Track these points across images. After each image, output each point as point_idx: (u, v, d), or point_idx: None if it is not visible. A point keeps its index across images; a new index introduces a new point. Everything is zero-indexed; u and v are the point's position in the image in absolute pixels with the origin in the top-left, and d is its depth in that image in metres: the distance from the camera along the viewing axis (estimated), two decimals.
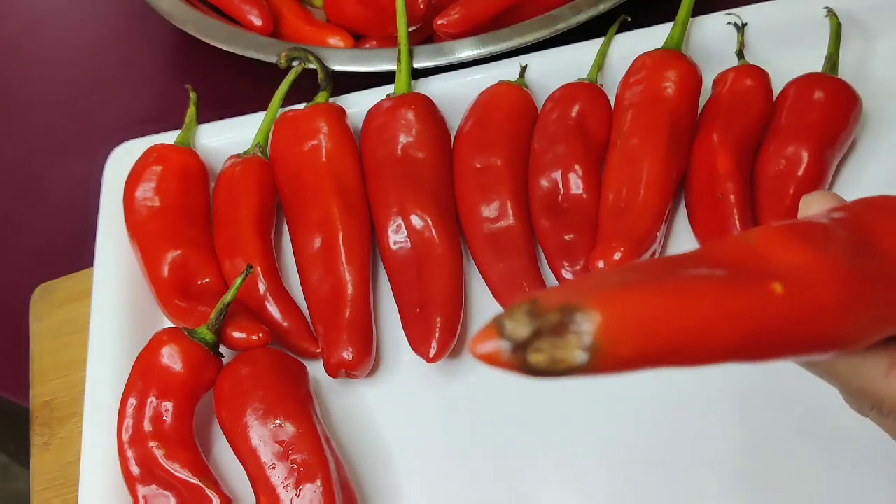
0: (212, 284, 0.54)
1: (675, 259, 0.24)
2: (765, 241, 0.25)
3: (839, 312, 0.24)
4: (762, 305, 0.23)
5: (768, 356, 0.24)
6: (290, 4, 0.72)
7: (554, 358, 0.21)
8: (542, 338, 0.21)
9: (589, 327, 0.21)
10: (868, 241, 0.26)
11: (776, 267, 0.24)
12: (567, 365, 0.21)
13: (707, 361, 0.23)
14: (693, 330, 0.22)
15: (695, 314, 0.22)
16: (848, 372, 0.28)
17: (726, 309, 0.22)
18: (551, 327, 0.21)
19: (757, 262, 0.24)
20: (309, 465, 0.45)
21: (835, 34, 0.59)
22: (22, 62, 0.80)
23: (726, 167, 0.53)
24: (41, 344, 0.58)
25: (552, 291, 0.22)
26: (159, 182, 0.56)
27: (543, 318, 0.21)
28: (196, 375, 0.48)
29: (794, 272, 0.24)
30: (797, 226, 0.26)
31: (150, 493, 0.46)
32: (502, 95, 0.59)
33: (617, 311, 0.21)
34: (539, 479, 0.48)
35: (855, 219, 0.27)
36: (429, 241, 0.53)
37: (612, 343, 0.21)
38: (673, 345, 0.22)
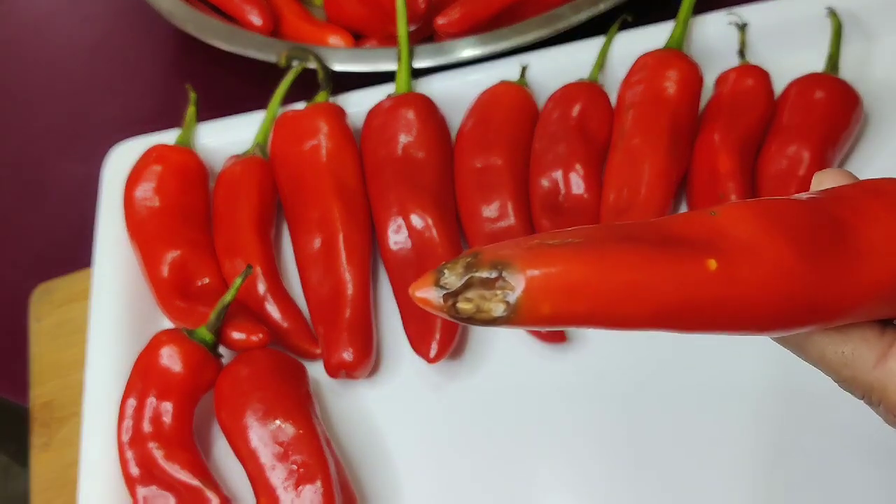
0: (211, 285, 0.54)
1: (627, 226, 0.25)
2: (727, 215, 0.25)
3: (773, 293, 0.25)
4: (689, 280, 0.24)
5: (694, 329, 0.25)
6: (290, 4, 0.72)
7: (479, 308, 0.23)
8: (472, 289, 0.23)
9: (513, 284, 0.23)
10: (844, 223, 0.26)
11: (725, 241, 0.25)
12: (489, 316, 0.23)
13: (628, 327, 0.24)
14: (613, 297, 0.23)
15: (617, 282, 0.23)
16: (837, 360, 0.28)
17: (650, 280, 0.23)
18: (481, 280, 0.23)
19: (708, 235, 0.25)
20: (309, 465, 0.44)
21: (836, 34, 0.58)
22: (22, 62, 0.79)
23: (727, 167, 0.53)
24: (41, 344, 0.58)
25: (495, 247, 0.24)
26: (159, 182, 0.56)
27: (477, 271, 0.23)
28: (196, 376, 0.48)
29: (737, 248, 0.25)
30: (766, 203, 0.26)
31: (150, 493, 0.46)
32: (503, 95, 0.59)
33: (541, 271, 0.23)
34: (539, 480, 0.48)
35: (840, 199, 0.27)
36: (429, 241, 0.53)
37: (532, 301, 0.23)
38: (592, 309, 0.23)
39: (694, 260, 0.24)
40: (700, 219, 0.26)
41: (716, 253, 0.24)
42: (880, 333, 0.27)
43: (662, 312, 0.24)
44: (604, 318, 0.24)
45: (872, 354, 0.27)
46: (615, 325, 0.24)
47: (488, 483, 0.48)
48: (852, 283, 0.26)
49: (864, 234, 0.26)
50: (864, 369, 0.27)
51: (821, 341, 0.28)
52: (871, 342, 0.27)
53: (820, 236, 0.26)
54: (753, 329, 0.25)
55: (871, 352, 0.27)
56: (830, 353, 0.28)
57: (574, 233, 0.24)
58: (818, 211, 0.27)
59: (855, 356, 0.27)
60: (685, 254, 0.24)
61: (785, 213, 0.26)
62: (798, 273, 0.25)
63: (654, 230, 0.25)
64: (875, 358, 0.27)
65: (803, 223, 0.26)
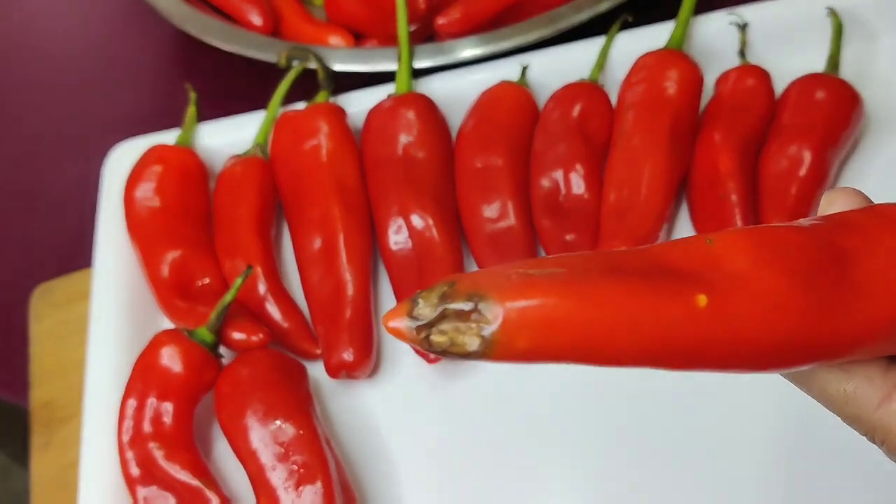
0: (212, 285, 0.54)
1: (616, 255, 0.24)
2: (724, 244, 0.24)
3: (765, 331, 0.23)
4: (677, 317, 0.22)
5: (683, 367, 0.23)
6: (290, 3, 0.72)
7: (453, 341, 0.22)
8: (446, 320, 0.22)
9: (489, 317, 0.22)
10: (848, 253, 0.25)
11: (719, 274, 0.24)
12: (464, 350, 0.22)
13: (611, 365, 0.23)
14: (595, 333, 0.22)
15: (599, 318, 0.22)
16: (840, 398, 0.27)
17: (634, 317, 0.22)
18: (456, 312, 0.22)
19: (702, 265, 0.24)
20: (309, 466, 0.44)
21: (836, 34, 0.58)
22: (21, 62, 0.79)
23: (728, 167, 0.53)
24: (41, 344, 0.58)
25: (473, 276, 0.22)
26: (159, 182, 0.56)
27: (452, 302, 0.22)
28: (196, 376, 0.48)
29: (731, 281, 0.23)
30: (765, 232, 0.25)
31: (150, 494, 0.46)
32: (503, 95, 0.59)
33: (519, 304, 0.22)
34: (540, 480, 0.48)
35: (845, 226, 0.26)
36: (430, 241, 0.53)
37: (509, 336, 0.22)
38: (572, 345, 0.22)
39: (683, 295, 0.23)
40: (695, 247, 0.24)
41: (708, 287, 0.23)
42: (885, 371, 0.26)
43: (647, 351, 0.23)
44: (584, 354, 0.22)
45: (876, 394, 0.26)
46: (597, 362, 0.23)
47: (488, 483, 0.48)
48: (854, 321, 0.24)
49: (869, 266, 0.25)
50: (868, 409, 0.26)
51: (823, 377, 0.27)
52: (876, 381, 0.26)
53: (821, 269, 0.25)
54: (745, 368, 0.24)
55: (874, 391, 0.26)
56: (832, 391, 0.27)
57: (558, 262, 0.23)
58: (820, 240, 0.25)
59: (858, 395, 0.26)
60: (674, 288, 0.23)
61: (784, 244, 0.25)
62: (794, 310, 0.24)
63: (645, 259, 0.24)
64: (879, 398, 0.26)
65: (803, 254, 0.25)
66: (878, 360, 0.27)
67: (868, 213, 0.27)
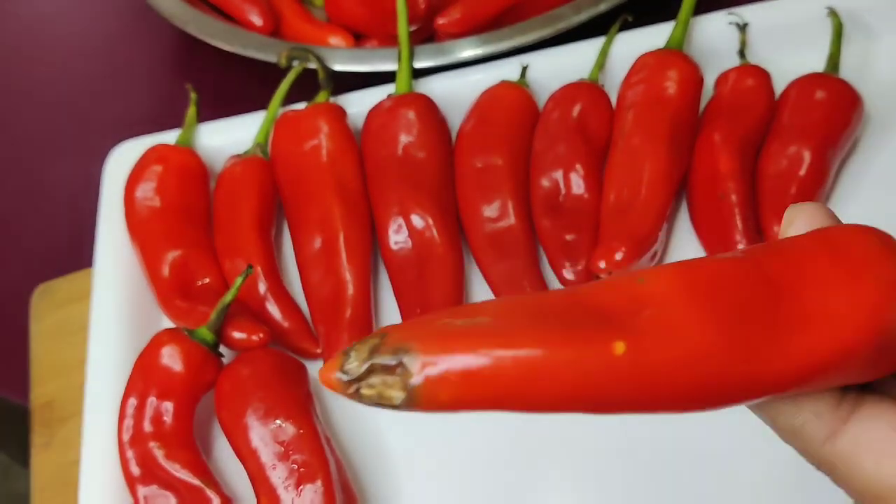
0: (212, 284, 0.54)
1: (545, 300, 0.24)
2: (653, 285, 0.24)
3: (683, 377, 0.23)
4: (591, 367, 0.22)
5: (606, 412, 0.23)
6: (290, 4, 0.72)
7: (381, 395, 0.23)
8: (374, 374, 0.22)
9: (412, 372, 0.22)
10: (784, 285, 0.24)
11: (642, 317, 0.23)
12: (391, 403, 0.23)
13: (535, 412, 0.23)
14: (513, 385, 0.22)
15: (516, 370, 0.22)
16: (788, 431, 0.26)
17: (550, 368, 0.22)
18: (383, 366, 0.22)
19: (628, 310, 0.24)
20: (309, 465, 0.44)
21: (836, 34, 0.58)
22: (22, 62, 0.80)
23: (728, 167, 0.53)
24: (41, 344, 0.58)
25: (403, 329, 0.23)
26: (159, 182, 0.56)
27: (379, 356, 0.22)
28: (196, 376, 0.48)
29: (653, 325, 0.23)
30: (695, 269, 0.25)
31: (151, 493, 0.46)
32: (503, 95, 0.59)
33: (439, 358, 0.22)
34: (540, 480, 0.48)
35: (785, 254, 0.25)
36: (430, 240, 0.53)
37: (430, 390, 0.22)
38: (493, 397, 0.22)
39: (600, 343, 0.23)
40: (625, 288, 0.24)
41: (628, 332, 0.23)
42: (836, 405, 0.26)
43: (566, 399, 0.23)
44: (507, 405, 0.23)
45: (823, 431, 0.25)
46: (521, 410, 0.23)
47: (489, 483, 0.48)
48: (787, 357, 0.24)
49: (807, 298, 0.24)
50: (814, 445, 0.26)
51: (774, 409, 0.26)
52: (824, 417, 0.25)
53: (752, 305, 0.24)
54: (668, 411, 0.24)
55: (821, 428, 0.25)
56: (781, 423, 0.26)
57: (485, 309, 0.23)
58: (756, 274, 0.25)
59: (805, 430, 0.26)
60: (593, 336, 0.23)
61: (716, 281, 0.24)
62: (716, 353, 0.23)
63: (574, 303, 0.24)
64: (825, 434, 0.25)
65: (735, 291, 0.24)
66: (831, 393, 0.26)
67: (812, 238, 0.26)
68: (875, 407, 0.25)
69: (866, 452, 0.25)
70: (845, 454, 0.25)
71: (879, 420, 0.25)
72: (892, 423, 0.25)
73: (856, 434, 0.25)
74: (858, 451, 0.25)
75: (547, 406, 0.23)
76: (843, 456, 0.25)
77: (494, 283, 0.53)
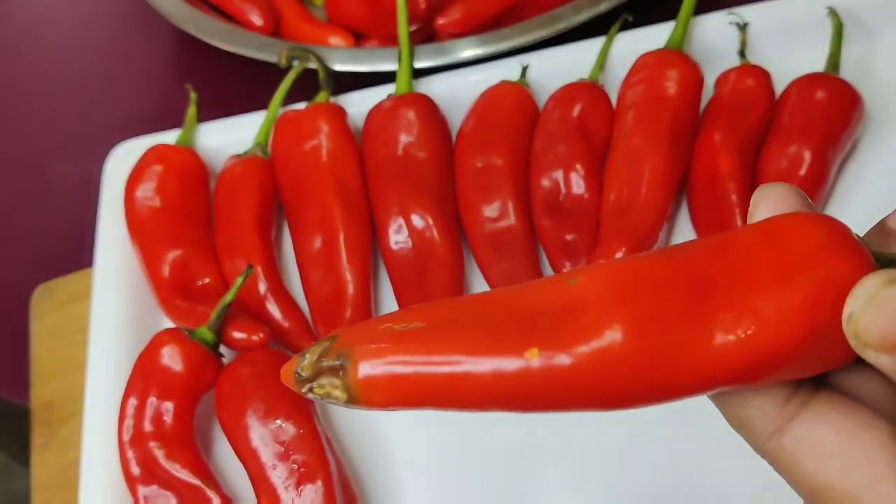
0: (212, 284, 0.54)
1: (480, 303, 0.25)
2: (582, 285, 0.25)
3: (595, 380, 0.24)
4: (505, 373, 0.24)
5: (528, 411, 0.25)
6: (290, 4, 0.72)
7: (328, 394, 0.25)
8: (322, 376, 0.25)
9: (350, 375, 0.24)
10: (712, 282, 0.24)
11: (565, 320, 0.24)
12: (335, 400, 0.25)
13: (463, 411, 0.25)
14: (438, 389, 0.24)
15: (439, 375, 0.24)
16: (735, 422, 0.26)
17: (469, 374, 0.24)
18: (329, 368, 0.25)
19: (553, 312, 0.24)
20: (310, 465, 0.44)
21: (836, 34, 0.58)
22: (22, 62, 0.79)
23: (728, 167, 0.53)
24: (41, 344, 0.58)
25: (348, 333, 0.25)
26: (160, 182, 0.56)
27: (325, 359, 0.25)
28: (196, 376, 0.48)
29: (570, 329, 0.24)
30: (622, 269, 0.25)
31: (151, 493, 0.46)
32: (503, 95, 0.59)
33: (372, 363, 0.24)
34: (541, 479, 0.48)
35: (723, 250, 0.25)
36: (430, 240, 0.53)
37: (365, 392, 0.24)
38: (422, 398, 0.24)
39: (515, 351, 0.24)
40: (556, 289, 0.25)
41: (546, 338, 0.24)
42: (784, 402, 0.25)
43: (486, 401, 0.24)
44: (434, 405, 0.25)
45: (768, 426, 0.25)
46: (450, 409, 0.25)
47: (489, 483, 0.48)
48: (704, 360, 0.24)
49: (737, 297, 0.24)
50: (759, 439, 0.26)
51: (721, 399, 0.26)
52: (770, 414, 0.25)
53: (675, 305, 0.24)
54: (588, 409, 0.25)
55: (767, 423, 0.25)
56: (729, 414, 0.26)
57: (421, 314, 0.25)
58: (686, 271, 0.24)
59: (751, 424, 0.26)
60: (511, 343, 0.24)
61: (641, 281, 0.24)
62: (626, 357, 0.24)
63: (506, 307, 0.25)
64: (770, 430, 0.25)
65: (660, 291, 0.24)
66: (780, 389, 0.25)
67: (754, 231, 0.25)
68: (823, 406, 0.25)
69: (807, 453, 0.25)
70: (787, 452, 0.25)
71: (823, 421, 0.25)
72: (834, 426, 0.25)
73: (799, 434, 0.25)
74: (800, 450, 0.25)
75: (469, 406, 0.25)
76: (785, 453, 0.25)
77: (494, 283, 0.53)
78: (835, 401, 0.25)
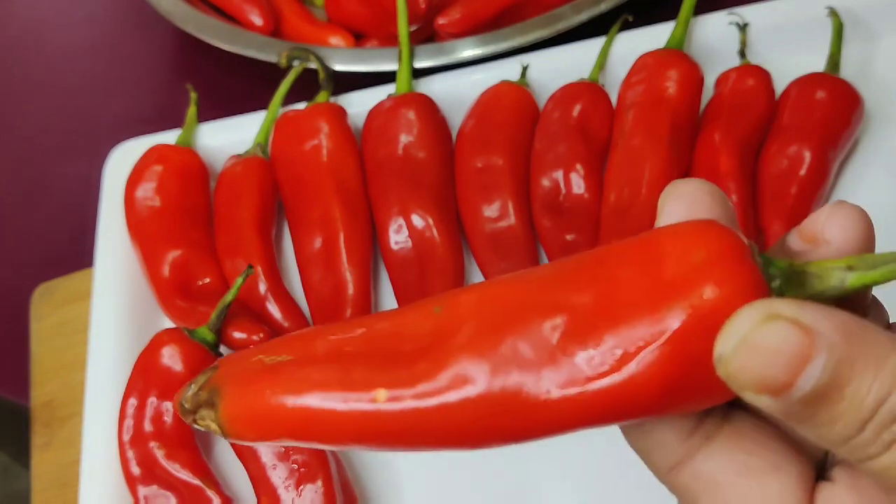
0: (212, 284, 0.54)
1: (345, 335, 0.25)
2: (446, 315, 0.24)
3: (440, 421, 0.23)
4: (356, 414, 0.24)
5: (382, 448, 0.25)
6: (290, 4, 0.72)
7: (208, 427, 0.25)
8: (201, 408, 0.25)
9: (218, 409, 0.25)
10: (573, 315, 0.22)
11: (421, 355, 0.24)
12: (215, 432, 0.25)
13: (327, 445, 0.25)
14: (299, 427, 0.24)
15: (299, 414, 0.24)
16: (638, 451, 0.25)
17: (326, 414, 0.24)
18: (206, 402, 0.25)
19: (414, 344, 0.24)
20: (309, 465, 0.44)
21: (837, 34, 0.58)
22: (22, 62, 0.80)
23: (728, 167, 0.53)
24: (41, 344, 0.58)
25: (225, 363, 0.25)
26: (160, 182, 0.56)
27: (201, 392, 0.25)
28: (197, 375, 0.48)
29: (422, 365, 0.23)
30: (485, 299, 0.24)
31: (151, 493, 0.46)
32: (503, 95, 0.59)
33: (236, 398, 0.24)
34: (541, 479, 0.48)
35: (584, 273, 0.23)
36: (430, 240, 0.53)
37: (234, 428, 0.25)
38: (287, 435, 0.24)
39: (365, 391, 0.24)
40: (422, 320, 0.24)
41: (397, 376, 0.23)
42: (687, 435, 0.24)
43: (342, 437, 0.24)
44: (299, 439, 0.25)
45: (668, 460, 0.24)
46: (317, 445, 0.25)
47: (489, 482, 0.48)
48: (561, 400, 0.22)
49: (600, 327, 0.22)
50: (659, 472, 0.25)
51: (622, 428, 0.25)
52: (669, 448, 0.24)
53: (532, 338, 0.22)
54: (442, 448, 0.24)
55: (666, 457, 0.24)
56: (629, 442, 0.25)
57: (291, 346, 0.25)
58: (545, 301, 0.23)
59: (652, 457, 0.25)
60: (363, 382, 0.24)
61: (498, 312, 0.23)
62: (478, 398, 0.23)
63: (372, 337, 0.25)
64: (670, 464, 0.24)
65: (517, 324, 0.23)
66: (684, 420, 0.24)
67: (633, 245, 0.23)
68: (729, 441, 0.24)
69: (705, 492, 0.24)
70: (686, 488, 0.24)
71: (726, 460, 0.23)
72: (737, 467, 0.23)
73: (699, 471, 0.24)
74: (699, 488, 0.24)
75: (327, 441, 0.24)
76: (684, 489, 0.24)
77: None
78: (744, 434, 0.24)
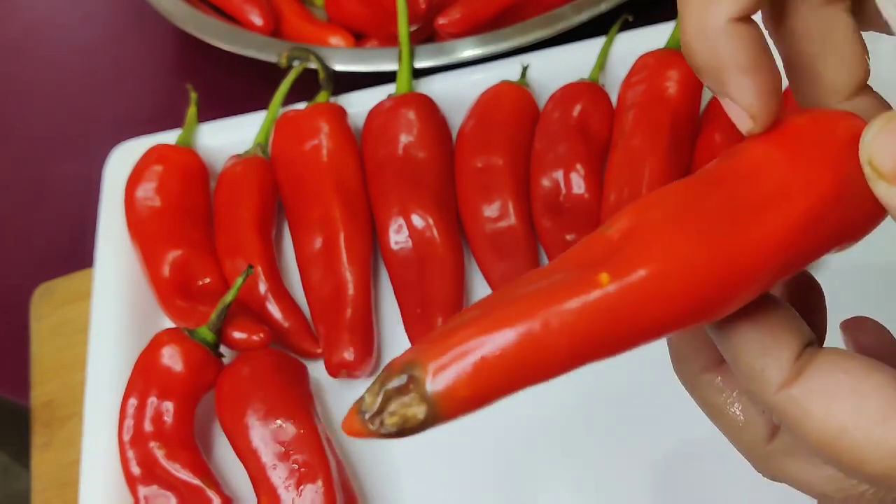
0: (212, 284, 0.54)
1: (529, 276, 0.24)
2: (618, 224, 0.24)
3: (672, 286, 0.23)
4: (583, 305, 0.22)
5: (621, 348, 0.23)
6: (290, 4, 0.72)
7: (405, 417, 0.22)
8: (391, 401, 0.22)
9: (424, 380, 0.22)
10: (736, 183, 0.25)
11: (617, 250, 0.23)
12: (416, 420, 0.22)
13: (554, 375, 0.23)
14: (519, 353, 0.22)
15: (515, 337, 0.22)
16: (747, 372, 0.27)
17: (546, 321, 0.22)
18: (396, 389, 0.22)
19: (601, 251, 0.24)
20: (310, 465, 0.44)
21: None
22: (22, 62, 0.80)
23: None
24: (41, 344, 0.58)
25: (407, 353, 0.23)
26: (160, 182, 0.56)
27: (389, 382, 0.22)
28: (197, 376, 0.48)
29: (628, 253, 0.23)
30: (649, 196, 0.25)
31: (151, 493, 0.46)
32: (503, 95, 0.59)
33: (443, 357, 0.22)
34: (541, 479, 0.48)
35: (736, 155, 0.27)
36: (430, 240, 0.53)
37: (448, 390, 0.22)
38: (507, 373, 0.22)
39: (583, 283, 0.23)
40: (592, 238, 0.25)
41: (609, 266, 0.23)
42: (796, 356, 0.26)
43: (573, 347, 0.22)
44: (524, 377, 0.22)
45: (780, 376, 0.26)
46: (542, 378, 0.23)
47: (490, 482, 0.48)
48: (755, 244, 0.24)
49: (756, 189, 0.25)
50: (769, 390, 0.26)
51: (739, 347, 0.27)
52: (783, 364, 0.26)
53: (709, 211, 0.24)
54: (678, 326, 0.24)
55: (779, 373, 0.26)
56: (743, 364, 0.27)
57: (474, 306, 0.23)
58: (707, 181, 0.25)
59: (764, 374, 0.26)
60: (574, 280, 0.23)
61: (666, 202, 0.25)
62: (696, 257, 0.23)
63: (548, 268, 0.24)
64: (781, 381, 0.26)
65: (690, 202, 0.24)
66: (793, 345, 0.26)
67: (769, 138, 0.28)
68: (830, 355, 0.26)
69: (818, 397, 0.25)
70: (797, 400, 0.25)
71: (832, 365, 0.26)
72: (843, 367, 0.25)
73: (810, 379, 0.26)
74: (810, 396, 0.25)
75: (563, 363, 0.22)
76: (794, 402, 0.26)
77: (495, 283, 0.53)
78: (840, 352, 0.26)
